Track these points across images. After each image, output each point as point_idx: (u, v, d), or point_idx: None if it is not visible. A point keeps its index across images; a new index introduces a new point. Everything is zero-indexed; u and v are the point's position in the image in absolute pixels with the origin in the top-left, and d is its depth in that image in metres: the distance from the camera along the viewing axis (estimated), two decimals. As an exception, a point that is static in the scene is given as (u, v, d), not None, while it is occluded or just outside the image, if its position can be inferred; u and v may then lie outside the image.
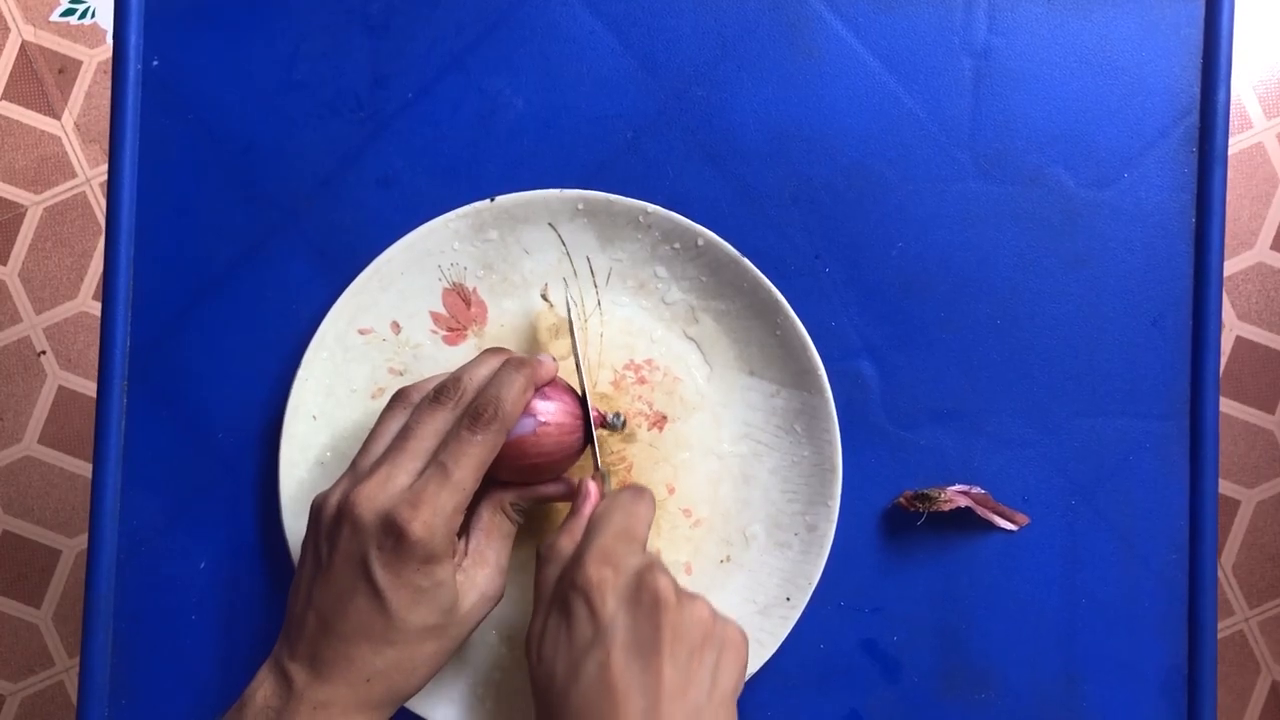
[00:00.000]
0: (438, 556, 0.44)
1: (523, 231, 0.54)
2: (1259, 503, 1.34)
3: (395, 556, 0.43)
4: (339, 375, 0.54)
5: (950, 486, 0.54)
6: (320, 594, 0.45)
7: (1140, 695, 0.55)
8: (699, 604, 0.44)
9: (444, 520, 0.44)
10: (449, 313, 0.55)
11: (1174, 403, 0.55)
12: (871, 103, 0.56)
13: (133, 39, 0.56)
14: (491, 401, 0.46)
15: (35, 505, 1.34)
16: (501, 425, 0.45)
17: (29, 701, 1.33)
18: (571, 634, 0.43)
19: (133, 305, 0.56)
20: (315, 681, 0.44)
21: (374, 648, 0.44)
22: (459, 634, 0.46)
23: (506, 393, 0.46)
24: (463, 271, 0.55)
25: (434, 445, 0.45)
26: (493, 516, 0.48)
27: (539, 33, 0.56)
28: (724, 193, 0.56)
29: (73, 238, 1.37)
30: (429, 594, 0.44)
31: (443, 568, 0.44)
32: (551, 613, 0.44)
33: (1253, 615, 1.33)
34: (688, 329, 0.55)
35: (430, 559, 0.44)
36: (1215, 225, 0.55)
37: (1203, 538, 0.55)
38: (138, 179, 0.56)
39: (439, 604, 0.44)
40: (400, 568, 0.43)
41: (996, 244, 0.56)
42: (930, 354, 0.56)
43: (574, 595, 0.43)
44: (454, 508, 0.44)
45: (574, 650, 0.43)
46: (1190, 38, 0.56)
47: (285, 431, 0.53)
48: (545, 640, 0.44)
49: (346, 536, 0.44)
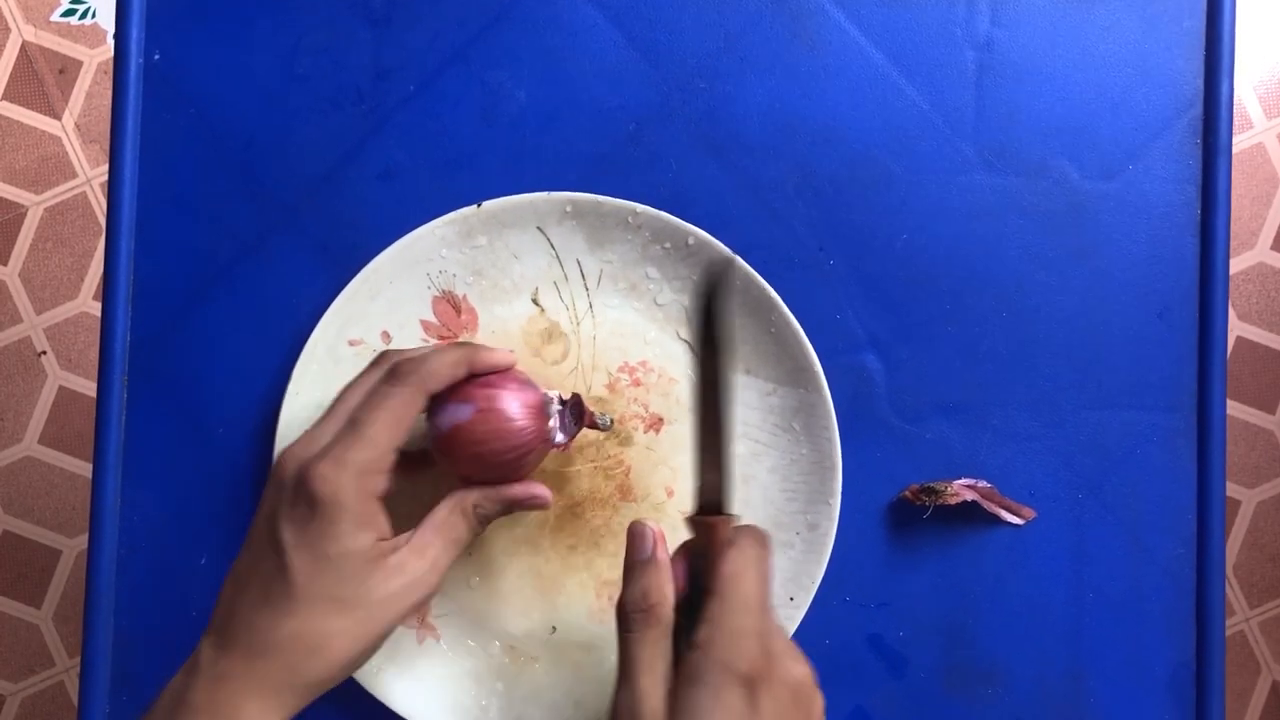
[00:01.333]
0: (345, 519, 0.41)
1: (511, 236, 0.54)
2: (1259, 503, 1.34)
3: (302, 514, 0.41)
4: (330, 388, 0.53)
5: (956, 480, 0.54)
6: (239, 559, 0.43)
7: (1147, 691, 0.55)
8: (819, 698, 0.42)
9: (351, 476, 0.41)
10: (439, 320, 0.55)
11: (1180, 395, 0.55)
12: (875, 95, 0.56)
13: (134, 34, 0.56)
14: (414, 361, 0.44)
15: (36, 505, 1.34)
16: (419, 383, 0.43)
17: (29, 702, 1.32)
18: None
19: (133, 300, 0.55)
20: (217, 653, 0.41)
21: (274, 617, 0.41)
22: (371, 619, 0.42)
23: (433, 358, 0.44)
24: (452, 278, 0.54)
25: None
26: (449, 515, 0.45)
27: (541, 25, 0.56)
28: (727, 186, 0.56)
29: (73, 238, 1.37)
30: (333, 563, 0.41)
31: (351, 536, 0.41)
32: (691, 687, 0.39)
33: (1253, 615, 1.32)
34: (681, 329, 0.55)
35: (336, 520, 0.41)
36: (1220, 217, 0.55)
37: (1210, 532, 0.55)
38: (138, 174, 0.56)
39: (343, 575, 0.41)
40: (304, 526, 0.41)
41: (1001, 237, 0.56)
42: (935, 347, 0.55)
43: (727, 679, 0.39)
44: (363, 463, 0.41)
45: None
46: (1193, 29, 0.56)
47: (278, 445, 0.53)
48: (688, 713, 0.39)
49: (268, 496, 0.43)
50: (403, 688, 0.52)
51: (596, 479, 0.54)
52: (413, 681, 0.53)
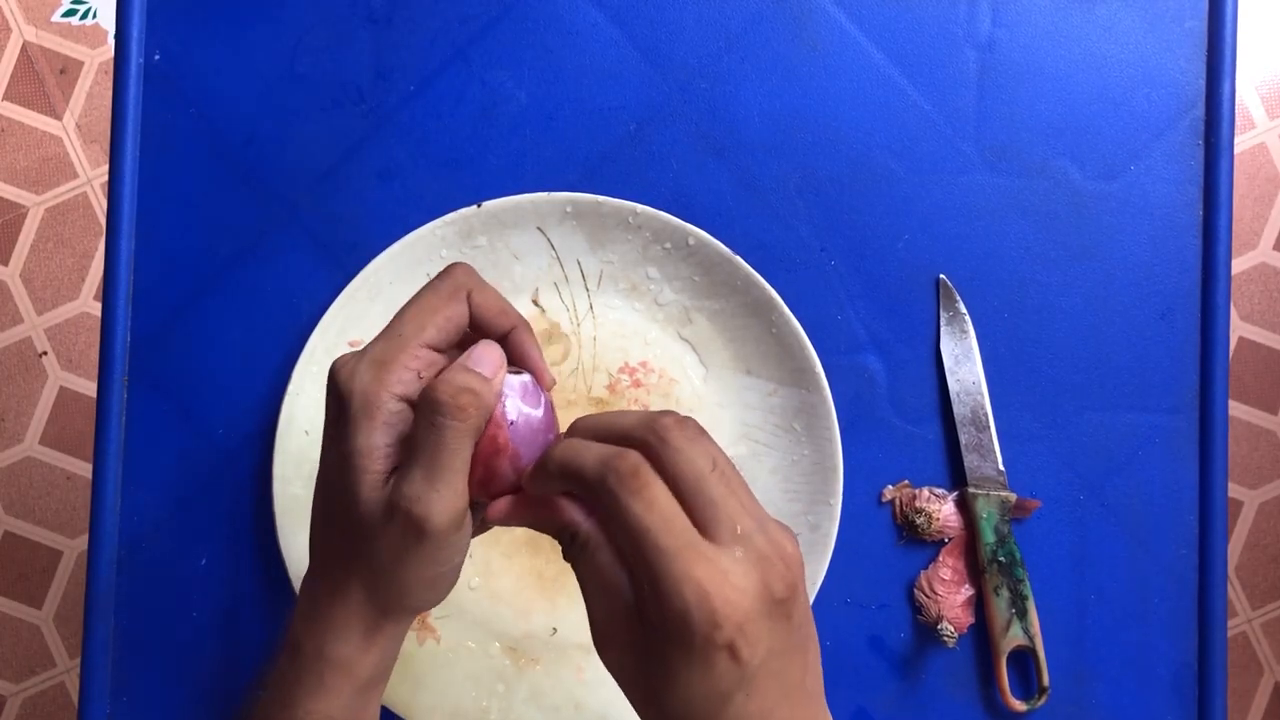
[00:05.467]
0: (359, 413, 0.37)
1: (511, 236, 0.54)
2: (1261, 504, 1.33)
3: (331, 414, 0.38)
4: None
5: (944, 494, 0.54)
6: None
7: (1149, 692, 0.54)
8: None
9: (367, 366, 0.37)
10: None
11: (1183, 396, 0.55)
12: (876, 95, 0.56)
13: (134, 33, 0.56)
14: (464, 268, 0.40)
15: (36, 506, 1.34)
16: (454, 286, 0.39)
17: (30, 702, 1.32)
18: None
19: (133, 300, 0.55)
20: (307, 573, 0.41)
21: (323, 528, 0.39)
22: (384, 538, 0.37)
23: (488, 289, 0.40)
24: None
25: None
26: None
27: (542, 25, 0.56)
28: (728, 186, 0.56)
29: (74, 238, 1.36)
30: (349, 460, 0.37)
31: (364, 433, 0.37)
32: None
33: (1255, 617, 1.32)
34: (682, 330, 0.55)
35: (350, 413, 0.37)
36: (1223, 218, 0.55)
37: (1212, 533, 0.54)
38: (139, 173, 0.56)
39: (348, 482, 0.37)
40: (331, 426, 0.38)
41: (1003, 236, 0.55)
42: (937, 348, 0.55)
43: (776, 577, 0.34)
44: (380, 353, 0.38)
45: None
46: (1194, 29, 0.56)
47: (278, 446, 0.53)
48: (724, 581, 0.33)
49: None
50: (403, 689, 0.52)
51: (597, 480, 0.54)
52: (412, 683, 0.53)
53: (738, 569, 0.33)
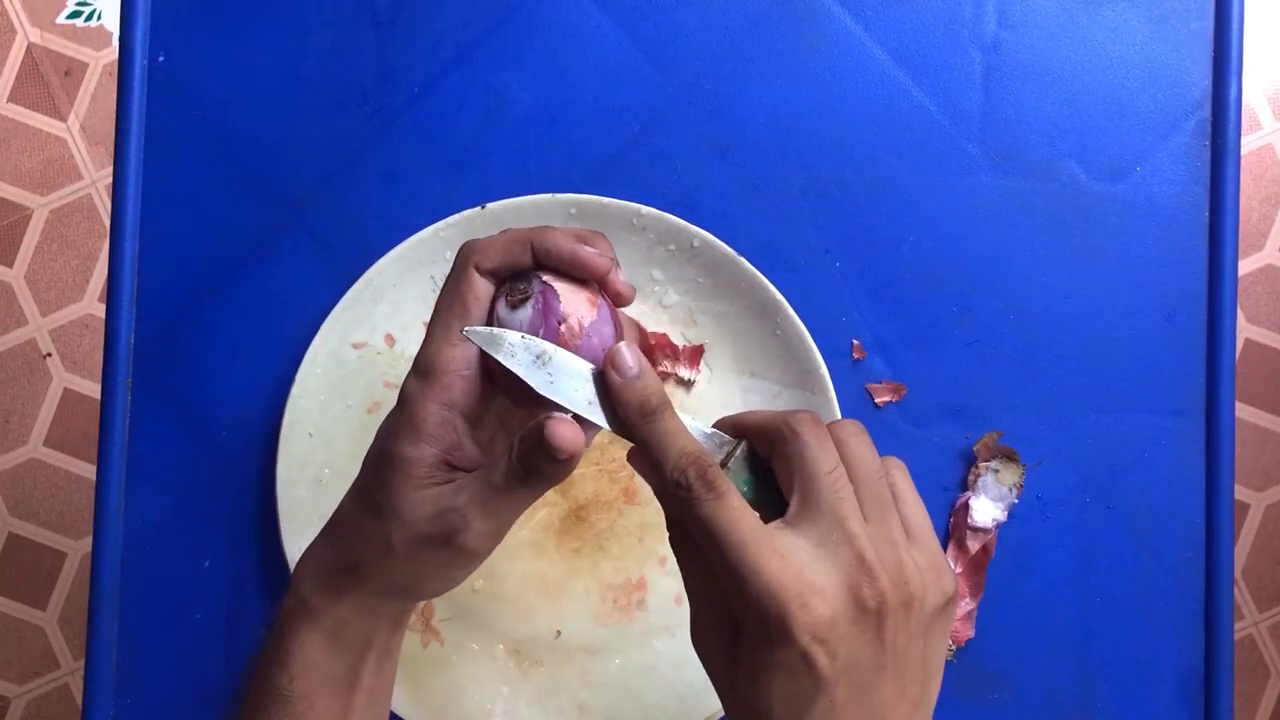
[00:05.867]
0: (409, 426, 0.37)
1: None
2: (1269, 506, 1.33)
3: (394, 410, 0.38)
4: (334, 391, 0.53)
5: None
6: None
7: (1155, 695, 0.54)
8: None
9: (414, 377, 0.37)
10: None
11: (1189, 398, 0.55)
12: (881, 97, 0.56)
13: (139, 35, 0.56)
14: (465, 251, 0.39)
15: (40, 508, 1.34)
16: (464, 261, 0.38)
17: (34, 704, 1.32)
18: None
19: (138, 302, 0.55)
20: (322, 530, 0.41)
21: (355, 494, 0.39)
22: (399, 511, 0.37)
23: (495, 244, 0.38)
24: None
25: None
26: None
27: (546, 28, 0.56)
28: (733, 187, 0.55)
29: (78, 240, 1.37)
30: (393, 462, 0.37)
31: (409, 443, 0.37)
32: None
33: (1262, 619, 1.32)
34: (687, 332, 0.55)
35: (403, 426, 0.37)
36: (1229, 219, 0.55)
37: (1219, 535, 0.54)
38: (143, 175, 0.56)
39: (388, 475, 0.37)
40: (388, 424, 0.38)
41: (1008, 238, 0.55)
42: (942, 349, 0.55)
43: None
44: (422, 363, 0.37)
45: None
46: (1201, 31, 0.56)
47: (281, 449, 0.52)
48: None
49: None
50: (406, 692, 0.52)
51: (601, 482, 0.53)
52: (416, 685, 0.52)
53: (819, 568, 0.33)
